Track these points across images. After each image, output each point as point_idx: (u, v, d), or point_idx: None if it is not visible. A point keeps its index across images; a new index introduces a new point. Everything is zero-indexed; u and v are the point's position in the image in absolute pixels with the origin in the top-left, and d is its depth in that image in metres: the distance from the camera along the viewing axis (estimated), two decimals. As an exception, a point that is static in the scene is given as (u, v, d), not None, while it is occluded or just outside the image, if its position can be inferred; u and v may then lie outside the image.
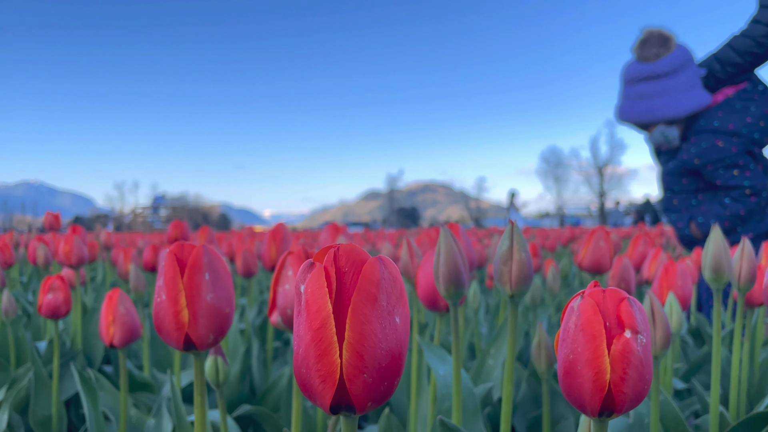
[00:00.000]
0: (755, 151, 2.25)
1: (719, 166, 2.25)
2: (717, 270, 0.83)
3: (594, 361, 0.42)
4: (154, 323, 0.58)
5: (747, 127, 2.21)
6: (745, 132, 2.21)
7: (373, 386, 0.36)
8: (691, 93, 2.30)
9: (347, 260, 0.37)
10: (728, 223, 2.23)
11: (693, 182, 2.34)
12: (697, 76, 2.30)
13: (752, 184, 2.21)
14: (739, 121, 2.22)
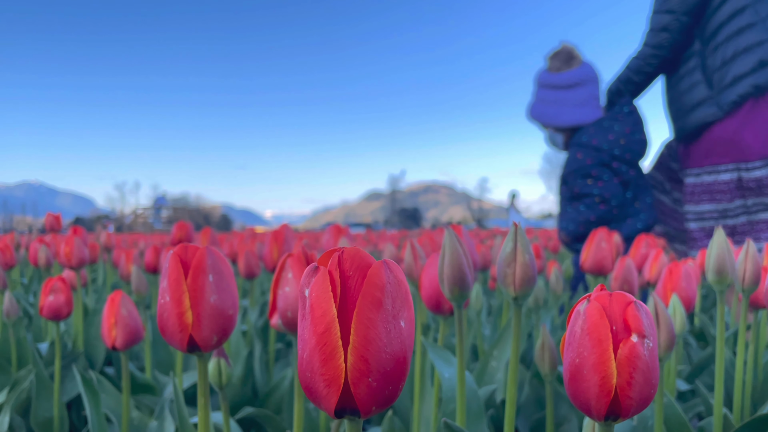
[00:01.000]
0: (613, 165, 2.51)
1: (577, 175, 2.56)
2: (720, 272, 0.83)
3: (600, 365, 0.42)
4: (157, 325, 0.58)
5: (608, 143, 2.50)
6: (605, 147, 2.50)
7: (377, 390, 0.36)
8: (579, 109, 2.62)
9: (352, 264, 0.36)
10: (582, 228, 2.52)
11: (567, 190, 2.62)
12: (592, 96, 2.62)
13: (601, 193, 2.51)
14: (602, 137, 2.51)
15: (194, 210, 61.16)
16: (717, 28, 2.26)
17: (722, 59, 2.25)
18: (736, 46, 2.20)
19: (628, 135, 2.52)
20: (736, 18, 2.21)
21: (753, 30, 2.17)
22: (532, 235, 6.88)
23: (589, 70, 2.64)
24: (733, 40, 2.21)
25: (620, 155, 2.51)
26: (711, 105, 2.28)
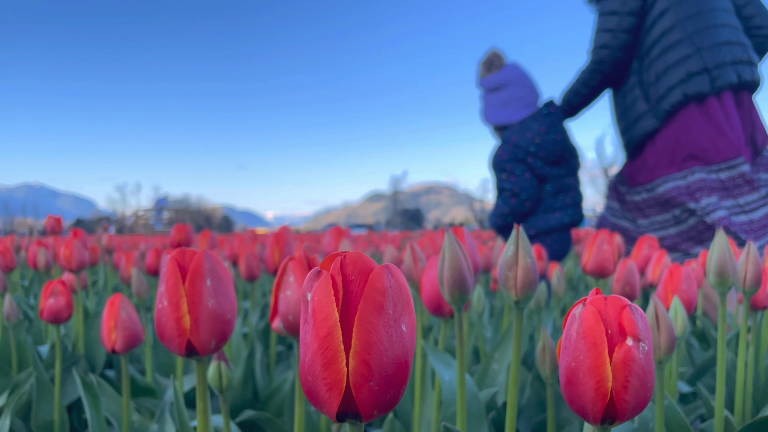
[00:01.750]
0: (528, 160, 2.79)
1: (497, 170, 2.86)
2: (722, 274, 0.83)
3: (596, 369, 0.42)
4: (156, 329, 0.58)
5: (525, 141, 2.78)
6: (522, 144, 2.78)
7: (379, 394, 0.36)
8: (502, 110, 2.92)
9: (354, 268, 0.37)
10: (500, 220, 2.86)
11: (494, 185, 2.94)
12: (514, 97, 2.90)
13: (512, 188, 2.79)
14: (521, 135, 2.79)
15: (195, 211, 61.15)
16: (650, 46, 2.48)
17: (656, 74, 2.46)
18: (667, 60, 2.41)
19: (543, 134, 2.77)
20: (666, 36, 2.42)
21: (681, 45, 2.38)
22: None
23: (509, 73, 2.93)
24: (664, 55, 2.43)
25: (535, 152, 2.76)
26: (649, 117, 2.48)
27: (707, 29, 2.38)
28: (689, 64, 2.36)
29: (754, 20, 2.52)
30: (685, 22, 2.39)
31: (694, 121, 2.37)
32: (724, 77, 2.33)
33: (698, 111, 2.37)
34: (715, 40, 2.37)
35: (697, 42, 2.37)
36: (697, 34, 2.37)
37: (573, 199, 2.84)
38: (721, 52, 2.35)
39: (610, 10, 2.52)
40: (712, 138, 2.35)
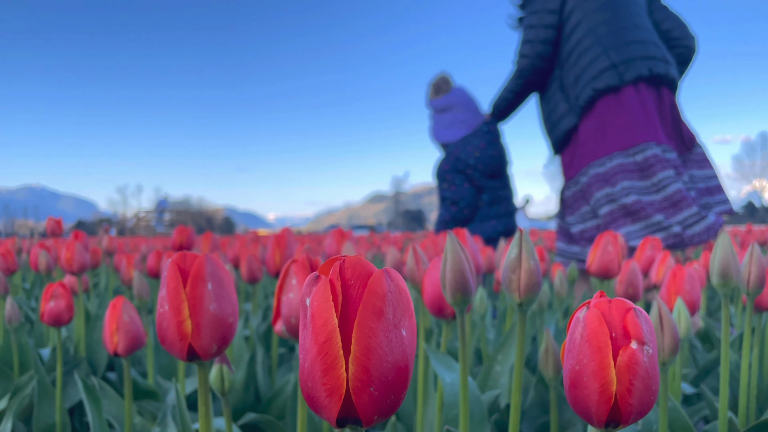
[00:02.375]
0: (467, 172, 3.15)
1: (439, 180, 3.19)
2: (725, 275, 0.82)
3: (600, 372, 0.42)
4: (157, 334, 0.58)
5: (466, 154, 3.15)
6: (463, 157, 3.14)
7: (379, 399, 0.36)
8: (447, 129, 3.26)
9: (353, 273, 0.36)
10: (442, 227, 3.14)
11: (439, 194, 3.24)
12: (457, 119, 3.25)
13: (452, 196, 3.13)
14: (463, 149, 3.17)
15: (197, 213, 61.17)
16: (569, 53, 2.72)
17: (573, 77, 2.69)
18: (581, 64, 2.65)
19: (482, 149, 3.13)
20: (580, 43, 2.66)
21: (592, 49, 2.61)
22: (537, 236, 6.84)
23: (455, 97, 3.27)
24: (579, 60, 2.66)
25: (474, 164, 3.12)
26: (569, 116, 2.71)
27: (616, 31, 2.60)
28: (598, 63, 2.58)
29: (672, 33, 2.76)
30: (597, 28, 2.63)
31: (610, 111, 2.57)
32: (632, 70, 2.52)
33: (614, 101, 2.56)
34: (624, 40, 2.58)
35: (606, 43, 2.59)
36: (606, 36, 2.60)
37: (506, 209, 3.17)
38: (630, 49, 2.56)
39: (529, 23, 2.80)
40: (627, 124, 2.53)
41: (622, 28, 2.61)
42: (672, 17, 2.78)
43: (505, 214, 3.14)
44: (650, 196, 2.47)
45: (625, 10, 2.65)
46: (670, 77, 2.60)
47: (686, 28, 2.78)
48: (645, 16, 2.71)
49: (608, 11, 2.64)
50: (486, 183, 3.12)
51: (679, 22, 2.78)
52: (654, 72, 2.54)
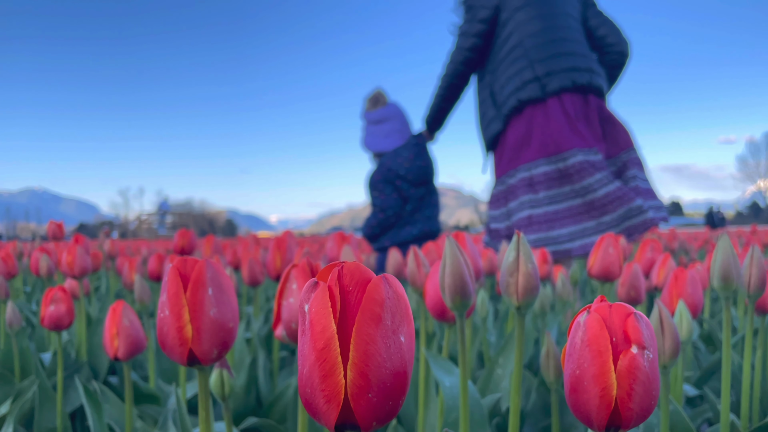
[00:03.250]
0: (396, 182, 3.36)
1: (371, 188, 3.42)
2: (726, 278, 0.82)
3: (600, 376, 0.42)
4: (158, 339, 0.58)
5: (396, 165, 3.35)
6: (393, 168, 3.34)
7: (378, 406, 0.36)
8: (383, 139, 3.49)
9: (351, 279, 0.36)
10: (368, 231, 3.39)
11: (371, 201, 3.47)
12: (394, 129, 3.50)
13: (380, 204, 3.34)
14: (394, 160, 3.37)
15: (199, 215, 61.16)
16: (500, 62, 2.85)
17: (500, 85, 2.84)
18: (509, 73, 2.79)
19: (411, 160, 3.34)
20: (511, 53, 2.80)
21: (519, 60, 2.75)
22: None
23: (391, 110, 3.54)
24: (507, 69, 2.80)
25: (404, 175, 3.33)
26: (496, 121, 2.86)
27: (543, 44, 2.73)
28: (523, 74, 2.73)
29: (607, 39, 2.88)
30: (525, 40, 2.76)
31: (535, 120, 2.71)
32: (556, 82, 2.67)
33: (540, 110, 2.70)
34: (550, 53, 2.71)
35: (532, 56, 2.72)
36: (533, 49, 2.73)
37: (425, 215, 3.39)
38: (554, 61, 2.70)
39: (460, 31, 2.95)
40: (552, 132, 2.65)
41: (549, 41, 2.74)
42: (607, 24, 2.91)
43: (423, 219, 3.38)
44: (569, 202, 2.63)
45: (554, 21, 2.79)
46: (594, 86, 2.73)
47: (620, 34, 2.91)
48: (576, 27, 2.85)
49: (538, 23, 2.77)
50: (413, 192, 3.37)
51: (613, 29, 2.91)
52: (577, 83, 2.68)
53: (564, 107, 2.67)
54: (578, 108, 2.71)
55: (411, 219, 3.36)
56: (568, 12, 2.83)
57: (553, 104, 2.68)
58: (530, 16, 2.77)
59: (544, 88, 2.68)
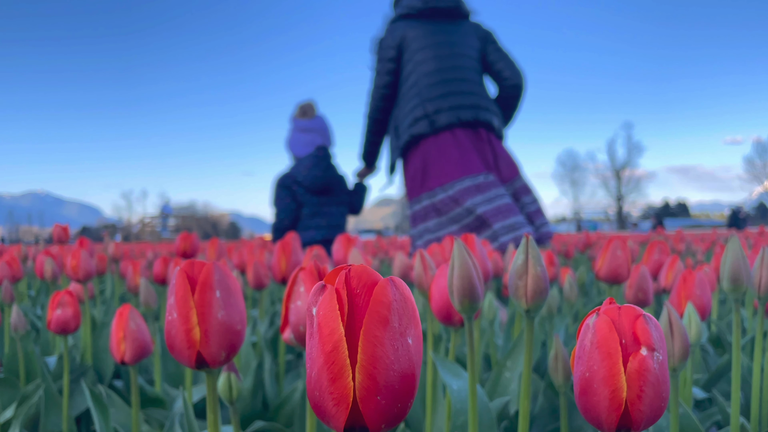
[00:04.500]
0: (293, 188, 3.80)
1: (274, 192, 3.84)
2: (736, 280, 0.82)
3: (610, 379, 0.42)
4: (165, 341, 0.57)
5: (296, 172, 3.79)
6: (293, 174, 3.79)
7: (386, 408, 0.36)
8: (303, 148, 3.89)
9: (359, 282, 0.37)
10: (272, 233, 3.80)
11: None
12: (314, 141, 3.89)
13: (276, 207, 3.77)
14: (297, 168, 3.82)
15: (202, 218, 61.12)
16: (400, 99, 3.22)
17: (400, 120, 3.19)
18: (405, 110, 3.14)
19: (309, 168, 3.74)
20: (408, 92, 3.14)
21: (414, 99, 3.10)
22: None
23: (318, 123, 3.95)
24: (405, 106, 3.15)
25: (301, 181, 3.74)
26: (396, 151, 3.24)
27: (434, 84, 3.06)
28: (415, 112, 3.07)
29: (503, 73, 3.22)
30: (420, 80, 3.10)
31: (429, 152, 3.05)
32: (443, 119, 3.01)
33: (433, 143, 3.05)
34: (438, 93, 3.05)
35: (424, 95, 3.07)
36: (425, 89, 3.07)
37: (327, 222, 3.77)
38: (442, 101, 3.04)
39: (376, 69, 3.30)
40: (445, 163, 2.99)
41: (440, 81, 3.08)
42: (504, 59, 3.24)
43: (326, 226, 3.76)
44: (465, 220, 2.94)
45: (448, 62, 3.12)
46: (481, 120, 3.06)
47: (514, 68, 3.24)
48: (470, 66, 3.18)
49: (432, 64, 3.11)
50: (309, 199, 3.77)
51: (509, 63, 3.24)
52: (462, 119, 3.02)
53: (456, 139, 3.02)
54: (470, 140, 3.04)
55: (311, 223, 3.76)
56: (464, 52, 3.17)
57: (444, 138, 3.03)
58: (426, 57, 3.12)
59: (433, 125, 3.03)
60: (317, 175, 3.73)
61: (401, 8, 3.26)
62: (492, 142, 3.12)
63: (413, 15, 3.21)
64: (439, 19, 3.20)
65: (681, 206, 64.47)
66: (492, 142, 3.12)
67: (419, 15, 3.20)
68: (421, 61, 3.11)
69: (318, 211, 3.74)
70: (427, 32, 3.15)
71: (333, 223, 3.77)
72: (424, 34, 3.14)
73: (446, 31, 3.17)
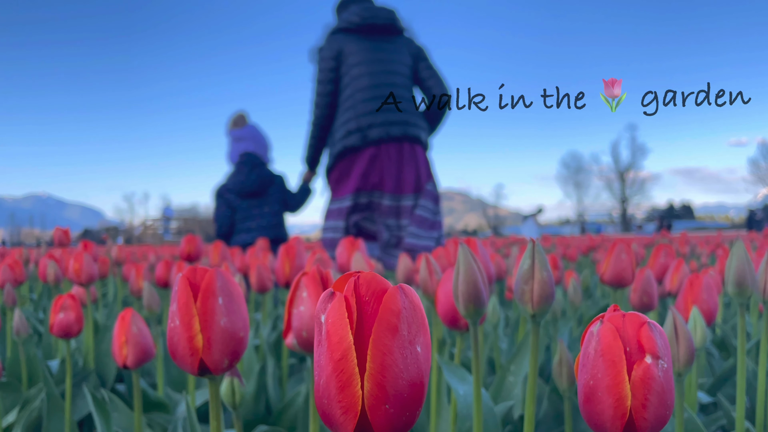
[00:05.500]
0: (225, 195, 4.06)
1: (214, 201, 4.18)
2: (740, 284, 0.81)
3: (614, 387, 0.42)
4: (168, 348, 0.57)
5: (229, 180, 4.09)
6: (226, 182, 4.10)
7: (395, 417, 0.36)
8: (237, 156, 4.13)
9: (368, 289, 0.36)
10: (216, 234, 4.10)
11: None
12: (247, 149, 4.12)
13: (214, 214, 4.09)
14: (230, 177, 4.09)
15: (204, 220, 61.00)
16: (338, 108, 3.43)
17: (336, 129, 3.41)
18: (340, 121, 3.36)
19: (237, 176, 4.00)
20: (344, 104, 3.36)
21: (348, 111, 3.32)
22: (550, 242, 6.76)
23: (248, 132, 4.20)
24: (340, 117, 3.37)
25: (231, 189, 4.01)
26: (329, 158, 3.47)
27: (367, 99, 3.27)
28: (349, 125, 3.29)
29: (432, 90, 3.44)
30: (355, 94, 3.31)
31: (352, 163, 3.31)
32: (373, 134, 3.24)
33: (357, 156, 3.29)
34: (370, 109, 3.26)
35: (358, 109, 3.28)
36: (359, 103, 3.28)
37: (257, 224, 3.96)
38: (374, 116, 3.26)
39: (318, 79, 3.47)
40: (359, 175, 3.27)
41: (373, 97, 3.29)
42: (434, 77, 3.48)
43: (256, 228, 3.95)
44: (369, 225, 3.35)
45: (380, 78, 3.34)
46: (409, 135, 3.31)
47: (442, 85, 3.48)
48: (402, 82, 3.40)
49: (366, 80, 3.32)
50: (240, 204, 4.00)
51: (438, 81, 3.47)
52: (391, 134, 3.26)
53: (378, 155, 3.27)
54: (391, 155, 3.29)
55: (242, 227, 3.98)
56: (397, 69, 3.40)
57: (368, 152, 3.27)
58: (362, 73, 3.33)
59: (364, 138, 3.26)
60: (242, 180, 3.98)
61: (341, 22, 3.48)
62: (417, 155, 3.37)
63: (351, 29, 3.43)
64: (375, 35, 3.43)
65: (685, 208, 64.39)
66: (417, 155, 3.37)
67: (357, 30, 3.42)
68: (357, 75, 3.34)
69: (248, 215, 3.99)
70: (363, 48, 3.38)
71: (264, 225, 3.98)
72: (360, 49, 3.38)
73: (381, 48, 3.41)
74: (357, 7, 3.45)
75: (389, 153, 3.29)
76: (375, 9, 3.45)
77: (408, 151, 3.34)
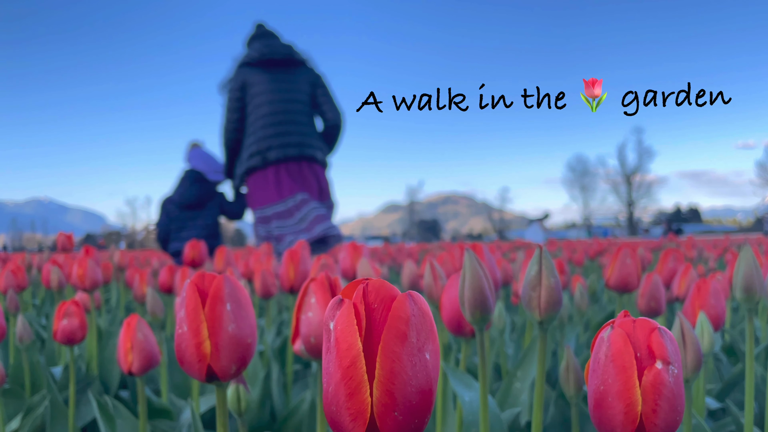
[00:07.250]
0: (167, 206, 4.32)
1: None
2: (749, 290, 0.81)
3: (625, 392, 0.42)
4: (175, 355, 0.57)
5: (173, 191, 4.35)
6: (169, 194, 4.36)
7: (404, 424, 0.36)
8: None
9: (376, 296, 0.36)
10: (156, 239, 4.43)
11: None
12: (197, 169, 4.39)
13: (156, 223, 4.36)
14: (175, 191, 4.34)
15: (206, 225, 61.02)
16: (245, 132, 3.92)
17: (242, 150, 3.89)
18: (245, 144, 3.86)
19: (179, 188, 4.31)
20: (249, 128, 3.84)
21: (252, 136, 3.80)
22: (556, 246, 6.73)
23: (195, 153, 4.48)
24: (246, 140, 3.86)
25: (173, 200, 4.30)
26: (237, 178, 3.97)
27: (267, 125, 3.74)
28: (251, 149, 3.77)
29: (326, 115, 3.94)
30: (256, 121, 3.79)
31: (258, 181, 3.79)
32: (273, 155, 3.70)
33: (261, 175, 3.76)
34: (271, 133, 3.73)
35: (259, 135, 3.75)
36: (260, 129, 3.76)
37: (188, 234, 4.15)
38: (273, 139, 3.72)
39: (226, 106, 3.92)
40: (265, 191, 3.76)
41: (272, 123, 3.75)
42: (328, 102, 3.95)
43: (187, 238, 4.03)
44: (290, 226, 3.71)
45: (279, 106, 3.79)
46: (306, 155, 3.77)
47: (335, 110, 3.96)
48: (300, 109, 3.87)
49: (267, 107, 3.78)
50: (178, 214, 4.30)
51: (331, 106, 3.95)
52: (288, 155, 3.71)
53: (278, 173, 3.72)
54: (292, 173, 3.75)
55: (177, 236, 4.26)
56: (295, 97, 3.86)
57: (270, 171, 3.73)
58: (262, 102, 3.79)
59: (264, 160, 3.72)
60: (182, 192, 4.31)
61: (245, 57, 3.95)
62: (316, 171, 3.87)
63: (254, 63, 3.88)
64: (274, 67, 3.88)
65: (693, 212, 64.30)
66: (316, 171, 3.87)
67: (258, 64, 3.87)
68: (258, 104, 3.81)
69: (184, 225, 4.31)
70: (263, 80, 3.84)
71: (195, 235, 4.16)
72: (260, 81, 3.83)
73: (280, 80, 3.86)
74: (259, 44, 3.92)
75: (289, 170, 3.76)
76: (274, 45, 3.92)
77: (307, 169, 3.82)
